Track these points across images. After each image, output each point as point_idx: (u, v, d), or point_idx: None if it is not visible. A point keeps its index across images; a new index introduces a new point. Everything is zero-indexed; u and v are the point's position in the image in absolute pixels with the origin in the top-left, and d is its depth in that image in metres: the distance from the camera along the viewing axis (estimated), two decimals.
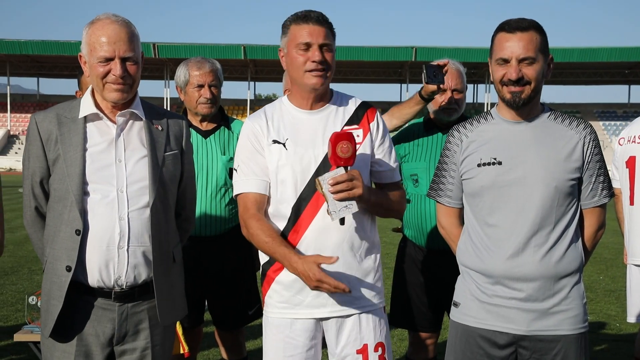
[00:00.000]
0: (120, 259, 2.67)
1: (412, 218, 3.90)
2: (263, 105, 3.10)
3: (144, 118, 2.78)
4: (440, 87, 3.65)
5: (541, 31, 2.66)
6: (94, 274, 2.67)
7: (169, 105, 53.06)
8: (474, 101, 62.34)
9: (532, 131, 2.73)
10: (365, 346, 2.83)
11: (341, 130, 2.75)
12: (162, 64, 54.77)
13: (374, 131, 2.89)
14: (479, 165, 2.75)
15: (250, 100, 60.20)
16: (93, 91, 2.77)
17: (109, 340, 2.74)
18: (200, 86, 3.88)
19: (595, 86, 66.25)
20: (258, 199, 2.80)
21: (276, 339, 2.83)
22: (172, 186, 2.83)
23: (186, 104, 3.99)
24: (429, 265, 3.90)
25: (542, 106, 2.79)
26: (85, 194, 2.66)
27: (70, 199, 2.65)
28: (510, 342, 2.72)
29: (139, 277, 2.72)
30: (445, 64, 3.67)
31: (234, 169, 2.88)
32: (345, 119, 2.86)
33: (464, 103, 3.91)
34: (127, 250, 2.68)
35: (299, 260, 2.65)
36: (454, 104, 3.84)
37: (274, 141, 2.80)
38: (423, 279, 3.92)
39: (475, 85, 61.75)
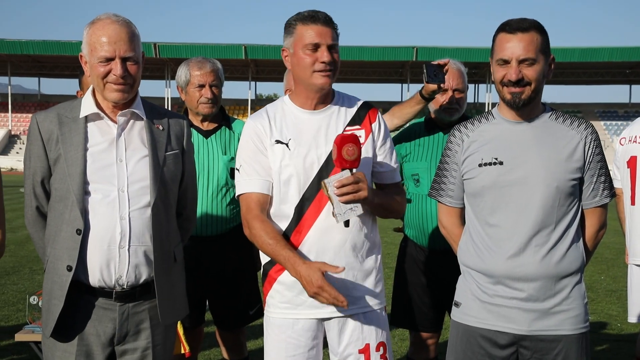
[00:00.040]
0: (121, 258, 2.67)
1: (413, 218, 3.89)
2: (264, 105, 3.09)
3: (144, 118, 2.78)
4: (440, 86, 3.64)
5: (542, 31, 2.65)
6: (95, 273, 2.67)
7: (170, 105, 53.05)
8: (475, 101, 62.32)
9: (533, 131, 2.73)
10: (367, 346, 2.83)
11: (346, 133, 2.75)
12: (163, 63, 54.81)
13: (375, 132, 2.89)
14: (480, 165, 2.74)
15: (251, 100, 60.21)
16: (94, 91, 2.77)
17: (110, 340, 2.74)
18: (201, 86, 3.87)
19: (596, 86, 66.28)
20: (261, 199, 2.79)
21: (278, 339, 2.83)
22: (173, 186, 2.83)
23: (187, 104, 3.99)
24: (430, 265, 3.90)
25: (544, 106, 2.78)
26: (86, 193, 2.66)
27: (71, 198, 2.65)
28: (511, 342, 2.72)
29: (140, 277, 2.72)
30: (445, 63, 3.67)
31: (236, 168, 2.87)
32: (347, 120, 2.86)
33: (465, 103, 3.91)
34: (128, 249, 2.67)
35: (303, 264, 2.64)
36: (455, 103, 3.83)
37: (277, 141, 2.79)
38: (424, 279, 3.91)
39: (476, 85, 61.73)
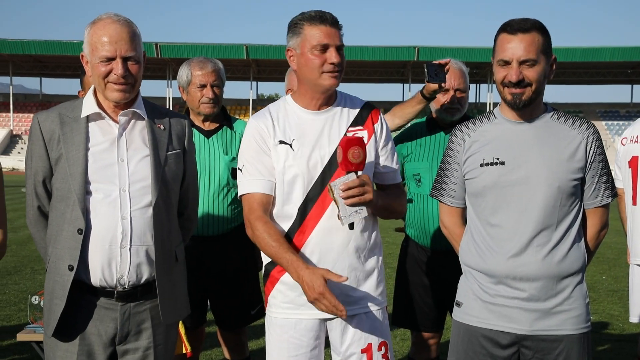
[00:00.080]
0: (122, 258, 2.67)
1: (414, 218, 3.89)
2: (265, 105, 3.09)
3: (146, 117, 2.78)
4: (441, 85, 3.64)
5: (544, 32, 2.65)
6: (96, 273, 2.67)
7: (171, 105, 53.07)
8: (477, 101, 62.30)
9: (534, 131, 2.73)
10: (370, 345, 2.84)
11: (351, 135, 2.75)
12: (164, 63, 54.85)
13: (378, 132, 2.89)
14: (481, 165, 2.74)
15: (253, 100, 60.24)
16: (95, 91, 2.77)
17: (111, 340, 2.74)
18: (203, 86, 3.87)
19: (597, 86, 66.25)
20: (264, 199, 2.79)
21: (280, 339, 2.83)
22: (174, 185, 2.83)
23: (189, 104, 3.99)
24: (431, 265, 3.89)
25: (545, 106, 2.78)
26: (88, 193, 2.66)
27: (73, 198, 2.65)
28: (513, 342, 2.72)
29: (142, 276, 2.72)
30: (446, 62, 3.66)
31: (238, 168, 2.86)
32: (350, 120, 2.85)
33: (466, 103, 3.91)
34: (130, 249, 2.67)
35: (306, 269, 2.63)
36: (456, 103, 3.83)
37: (280, 142, 2.79)
38: (425, 279, 3.91)
39: (477, 85, 61.72)
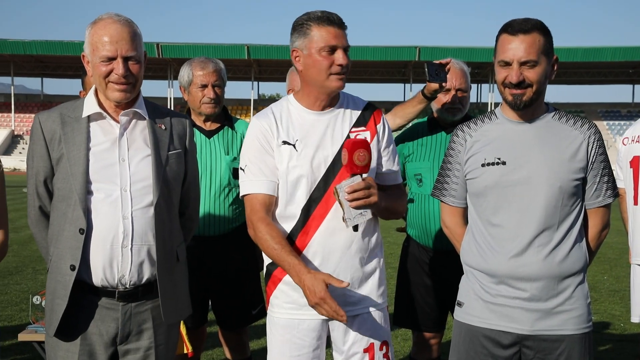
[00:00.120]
0: (124, 257, 2.67)
1: (416, 218, 3.89)
2: (266, 105, 3.08)
3: (147, 117, 2.78)
4: (442, 85, 3.64)
5: (545, 32, 2.64)
6: (98, 272, 2.67)
7: (172, 105, 53.09)
8: (478, 101, 62.29)
9: (536, 131, 2.72)
10: (372, 345, 2.84)
11: (356, 138, 2.75)
12: (165, 64, 54.88)
13: (380, 133, 2.89)
14: (483, 165, 2.74)
15: (254, 100, 60.27)
16: (96, 91, 2.77)
17: (113, 340, 2.74)
18: (204, 86, 3.87)
19: (599, 86, 66.21)
20: (266, 200, 2.78)
21: (283, 339, 2.83)
22: (175, 185, 2.83)
23: (190, 104, 3.99)
24: (432, 265, 3.89)
25: (547, 106, 2.78)
26: (89, 193, 2.66)
27: (74, 198, 2.65)
28: (514, 342, 2.72)
29: (143, 276, 2.72)
30: (447, 62, 3.66)
31: (241, 168, 2.85)
32: (352, 121, 2.85)
33: (468, 103, 3.90)
34: (131, 249, 2.67)
35: (308, 274, 2.63)
36: (458, 103, 3.83)
37: (284, 142, 2.78)
38: (427, 279, 3.91)
39: (478, 85, 61.71)
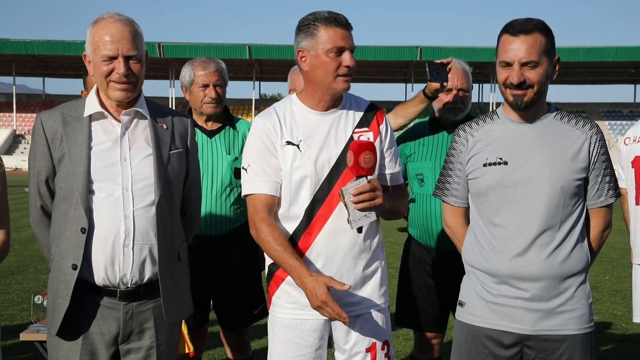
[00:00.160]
0: (125, 257, 2.67)
1: (417, 218, 3.89)
2: (268, 105, 3.08)
3: (148, 117, 2.79)
4: (443, 85, 3.64)
5: (547, 32, 2.63)
6: (99, 272, 2.67)
7: (174, 105, 53.12)
8: (479, 101, 62.24)
9: (538, 131, 2.72)
10: (374, 344, 2.85)
11: (362, 139, 2.75)
12: (167, 63, 54.87)
13: (383, 134, 2.89)
14: (484, 165, 2.74)
15: (255, 100, 60.24)
16: (98, 90, 2.77)
17: (114, 339, 2.75)
18: (205, 86, 3.87)
19: (601, 86, 66.09)
20: (269, 201, 2.78)
21: (285, 339, 2.83)
22: (177, 184, 2.83)
23: (191, 104, 3.99)
24: (434, 265, 3.89)
25: (549, 106, 2.77)
26: (91, 192, 2.66)
27: (76, 197, 2.65)
28: (516, 342, 2.72)
29: (145, 275, 2.72)
30: (448, 62, 3.66)
31: (243, 167, 2.85)
32: (355, 121, 2.85)
33: (469, 102, 3.90)
34: (133, 248, 2.68)
35: (310, 277, 2.64)
36: (459, 103, 3.83)
37: (288, 142, 2.78)
38: (428, 279, 3.91)
39: (480, 84, 61.65)
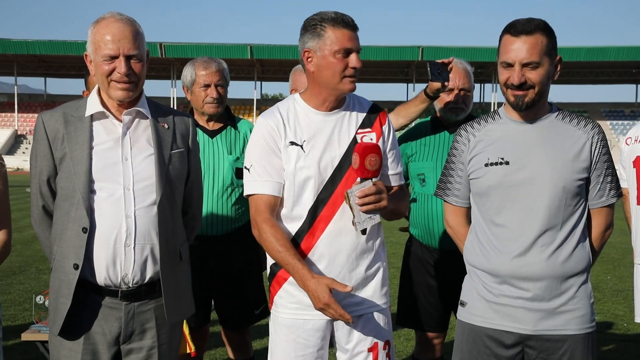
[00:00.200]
0: (127, 256, 2.67)
1: (419, 217, 3.89)
2: (270, 105, 3.09)
3: (149, 116, 2.79)
4: (445, 84, 3.63)
5: (548, 33, 2.63)
6: (101, 271, 2.68)
7: (175, 105, 53.11)
8: (481, 101, 62.20)
9: (539, 131, 2.72)
10: (376, 344, 2.85)
11: (366, 141, 2.75)
12: (168, 63, 54.88)
13: (385, 134, 2.89)
14: (486, 165, 2.74)
15: (257, 100, 60.23)
16: (99, 90, 2.77)
17: (116, 339, 2.75)
18: (207, 86, 3.88)
19: (602, 85, 66.04)
20: (271, 201, 2.78)
21: (287, 339, 2.83)
22: (178, 184, 2.83)
23: (193, 104, 3.99)
24: (435, 264, 3.89)
25: (550, 106, 2.77)
26: (92, 192, 2.67)
27: (77, 197, 2.65)
28: (517, 342, 2.72)
29: (146, 275, 2.72)
30: (449, 62, 3.65)
31: (245, 167, 2.84)
32: (359, 122, 2.85)
33: (471, 102, 3.90)
34: (134, 247, 2.68)
35: (312, 279, 2.64)
36: (461, 103, 3.82)
37: (291, 143, 2.77)
38: (430, 279, 3.91)
39: (482, 84, 61.62)
